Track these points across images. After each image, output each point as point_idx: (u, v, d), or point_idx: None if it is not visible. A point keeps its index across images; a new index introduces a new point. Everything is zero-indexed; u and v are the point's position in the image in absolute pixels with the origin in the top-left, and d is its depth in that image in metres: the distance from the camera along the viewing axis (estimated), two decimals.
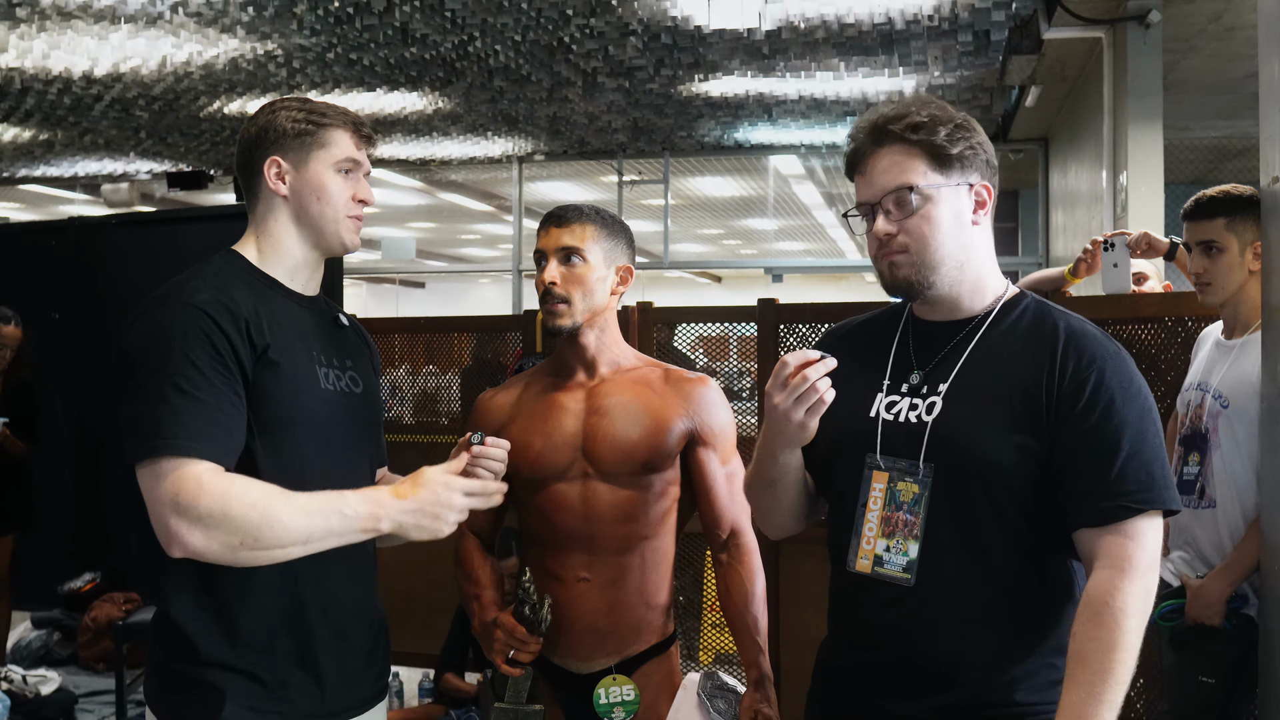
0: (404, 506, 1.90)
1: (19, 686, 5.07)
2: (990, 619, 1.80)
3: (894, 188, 1.82)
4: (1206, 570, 2.95)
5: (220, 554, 1.80)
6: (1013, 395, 1.79)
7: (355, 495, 1.89)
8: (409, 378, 5.54)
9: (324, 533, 1.86)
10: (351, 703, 2.07)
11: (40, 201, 13.84)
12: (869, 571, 1.85)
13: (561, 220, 2.46)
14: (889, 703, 1.85)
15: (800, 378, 1.78)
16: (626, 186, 11.17)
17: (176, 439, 1.80)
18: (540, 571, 2.48)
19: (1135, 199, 6.15)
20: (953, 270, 1.84)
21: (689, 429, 2.47)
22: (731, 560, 2.52)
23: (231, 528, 1.79)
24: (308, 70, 7.46)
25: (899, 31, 6.61)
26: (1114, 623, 1.68)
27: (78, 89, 7.98)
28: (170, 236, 6.16)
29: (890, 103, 1.88)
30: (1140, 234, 3.51)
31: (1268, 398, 2.74)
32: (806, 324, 4.31)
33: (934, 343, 1.90)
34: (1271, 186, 2.70)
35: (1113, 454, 1.73)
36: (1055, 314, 1.87)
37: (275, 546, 1.82)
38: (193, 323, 1.88)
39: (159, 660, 1.98)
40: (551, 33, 6.68)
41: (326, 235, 2.07)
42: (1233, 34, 6.54)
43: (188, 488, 1.78)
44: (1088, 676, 1.67)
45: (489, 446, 2.07)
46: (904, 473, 1.83)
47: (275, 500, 1.83)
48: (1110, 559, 1.71)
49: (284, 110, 2.07)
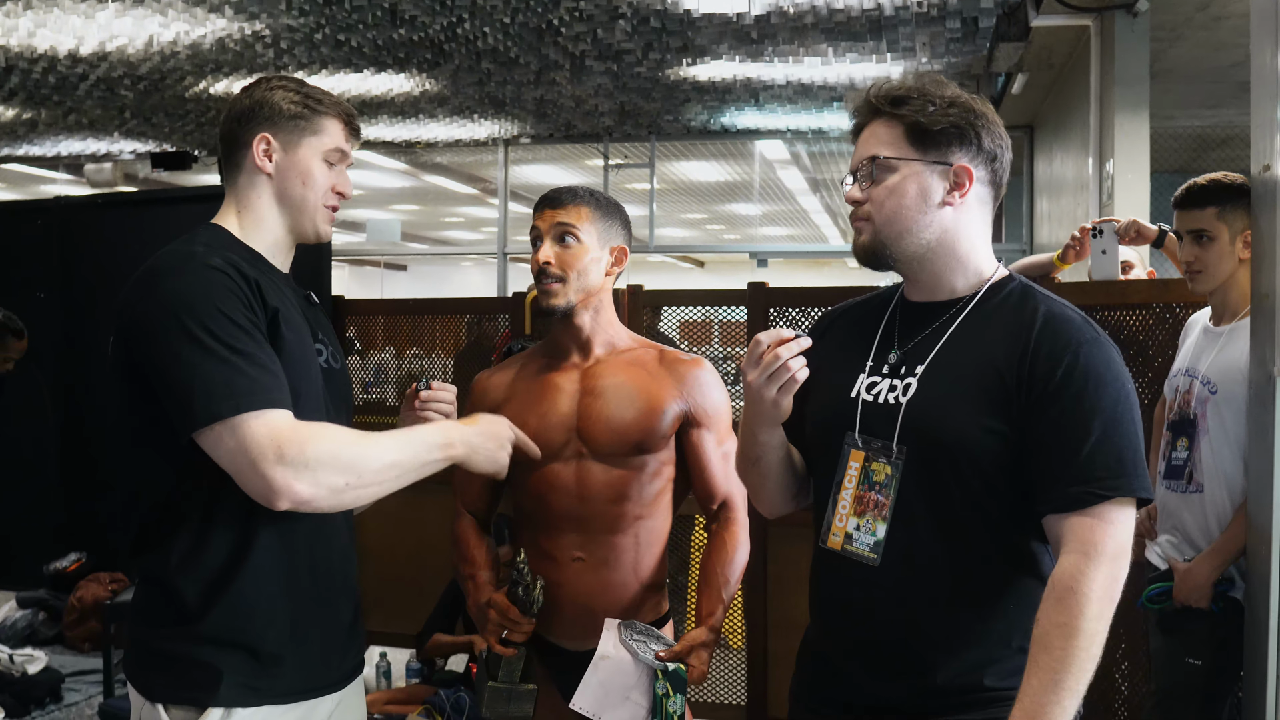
0: (475, 430, 2.06)
1: (6, 666, 5.07)
2: (958, 602, 1.80)
3: (866, 157, 1.86)
4: (1194, 554, 2.98)
5: (326, 498, 1.84)
6: (986, 377, 1.78)
7: (426, 427, 2.04)
8: (393, 360, 5.54)
9: (412, 462, 1.95)
10: (336, 677, 2.08)
11: (21, 181, 13.73)
12: (839, 549, 1.87)
13: (556, 202, 2.48)
14: (864, 683, 1.86)
15: (773, 356, 1.79)
16: (612, 170, 11.15)
17: (254, 394, 1.81)
18: (535, 551, 2.49)
19: (1121, 187, 6.19)
20: (914, 245, 1.85)
21: (683, 410, 2.49)
22: (719, 528, 2.55)
23: (339, 468, 1.83)
24: (295, 51, 7.42)
25: (887, 17, 6.62)
26: (1078, 608, 1.66)
27: (63, 68, 7.92)
28: (157, 217, 6.12)
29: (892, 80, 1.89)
30: (1129, 221, 3.53)
31: (1255, 384, 2.77)
32: (797, 308, 4.34)
33: (918, 324, 1.90)
34: (1262, 175, 2.73)
35: (1082, 439, 1.71)
36: (1038, 298, 1.85)
37: (374, 483, 1.89)
38: (220, 284, 1.88)
39: (145, 639, 1.96)
40: (541, 15, 6.66)
41: (303, 221, 2.09)
42: (1220, 23, 6.57)
43: (288, 436, 1.80)
44: (1049, 661, 1.66)
45: (436, 390, 2.16)
46: (879, 453, 1.84)
47: (365, 438, 1.90)
48: (1077, 544, 1.69)
49: (280, 89, 2.07)
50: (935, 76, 1.90)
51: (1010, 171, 1.93)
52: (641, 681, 2.29)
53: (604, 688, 2.28)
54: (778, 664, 4.33)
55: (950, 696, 1.79)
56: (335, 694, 2.06)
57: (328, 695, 2.04)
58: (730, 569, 2.49)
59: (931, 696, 1.80)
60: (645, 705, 2.28)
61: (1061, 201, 8.22)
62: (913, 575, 1.81)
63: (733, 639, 4.94)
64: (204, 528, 1.89)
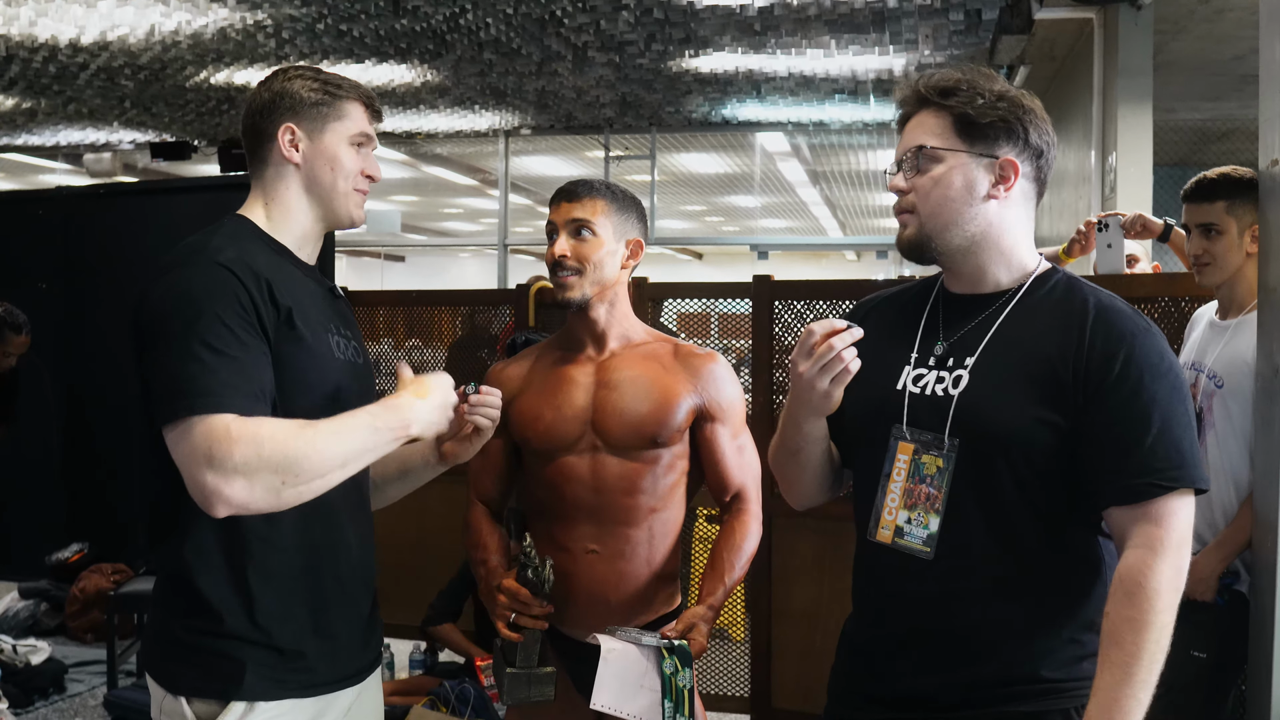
0: (430, 404, 1.97)
1: (9, 656, 5.07)
2: (1012, 594, 1.80)
3: (911, 146, 1.85)
4: (1199, 546, 2.98)
5: (265, 499, 1.77)
6: (1040, 370, 1.78)
7: (377, 406, 1.92)
8: (392, 351, 5.54)
9: (359, 450, 1.87)
10: (358, 668, 2.08)
11: (20, 170, 13.72)
12: (889, 542, 1.86)
13: (572, 195, 2.48)
14: (911, 678, 1.85)
15: (826, 346, 1.79)
16: (613, 162, 11.15)
17: (205, 396, 1.77)
18: (549, 543, 2.50)
19: (1124, 179, 6.19)
20: (957, 238, 1.84)
21: (697, 405, 2.50)
22: (730, 517, 2.56)
23: (271, 468, 1.75)
24: (297, 41, 7.41)
25: (890, 9, 6.62)
26: (1147, 603, 1.67)
27: (64, 57, 7.91)
28: (159, 207, 6.12)
29: (940, 71, 1.89)
30: (1135, 215, 3.54)
31: (1262, 377, 2.78)
32: (802, 301, 4.34)
33: (963, 316, 1.89)
34: (1271, 169, 2.73)
35: (1143, 431, 1.71)
36: (1086, 289, 1.85)
37: (315, 477, 1.80)
38: (220, 282, 1.86)
39: (169, 631, 1.94)
40: (543, 6, 6.66)
41: (335, 207, 2.08)
42: (1222, 16, 6.57)
43: (220, 439, 1.74)
44: (1122, 657, 1.67)
45: (485, 395, 2.14)
46: (929, 445, 1.83)
47: (304, 431, 1.80)
48: (1143, 538, 1.70)
49: (299, 78, 2.06)
50: (985, 70, 1.88)
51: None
52: (649, 668, 2.31)
53: (619, 679, 2.28)
54: (781, 655, 4.35)
55: (1000, 688, 1.79)
56: (355, 686, 2.07)
57: (348, 688, 2.04)
58: (736, 555, 2.50)
59: (981, 688, 1.80)
60: (658, 689, 2.29)
61: (1064, 194, 8.22)
62: (965, 567, 1.81)
63: (735, 631, 4.96)
64: (221, 520, 1.88)
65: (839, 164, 12.50)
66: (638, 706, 2.28)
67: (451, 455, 2.19)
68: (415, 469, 2.24)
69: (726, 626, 5.07)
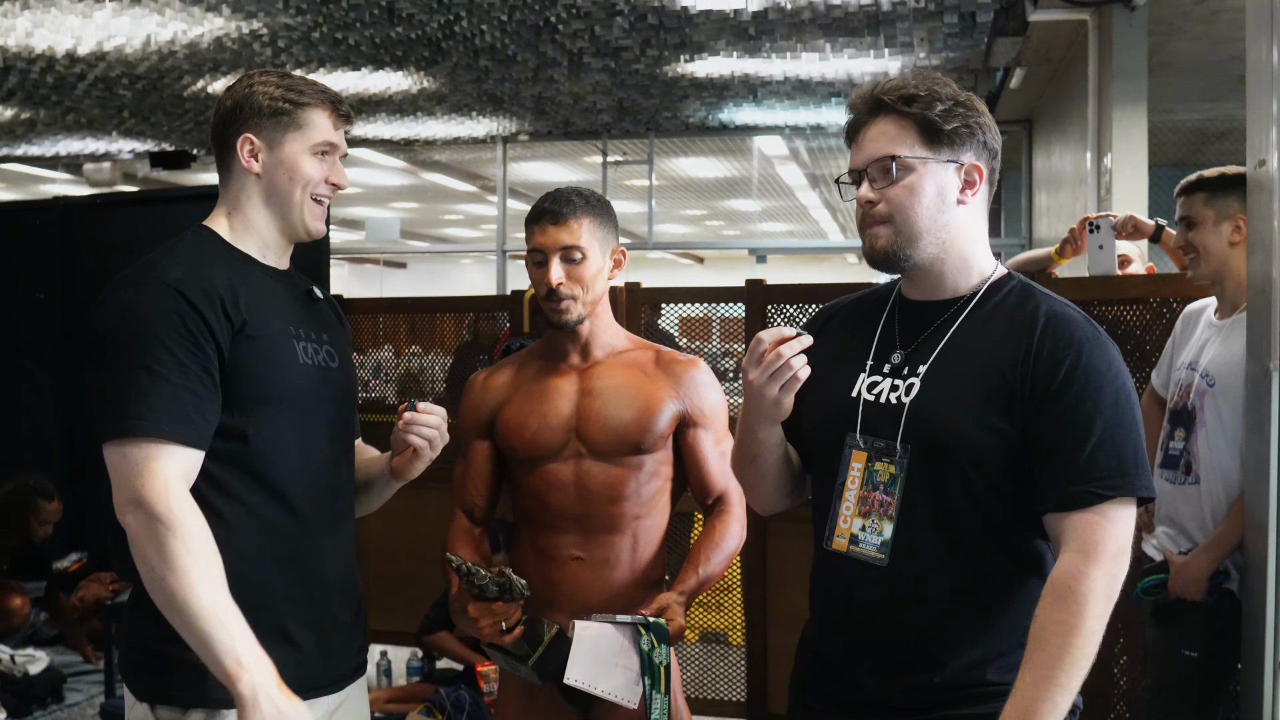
0: (273, 697, 1.78)
1: (8, 666, 5.08)
2: (963, 599, 1.80)
3: (879, 156, 1.83)
4: (1189, 545, 2.99)
5: (137, 550, 1.80)
6: (990, 377, 1.78)
7: (249, 640, 1.81)
8: (394, 358, 5.55)
9: (200, 630, 1.78)
10: (333, 677, 2.07)
11: (21, 181, 13.74)
12: (845, 550, 1.86)
13: (558, 218, 2.45)
14: (867, 682, 1.86)
15: (774, 354, 1.79)
16: (611, 167, 11.15)
17: (145, 419, 1.80)
18: (534, 551, 2.51)
19: (1119, 181, 6.19)
20: (931, 246, 1.84)
21: (680, 411, 2.51)
22: (712, 517, 2.56)
23: (162, 542, 1.77)
24: (293, 49, 7.43)
25: (885, 13, 6.63)
26: (1076, 607, 1.66)
27: (61, 67, 7.93)
28: (156, 216, 6.13)
29: (893, 76, 1.88)
30: (1126, 216, 3.54)
31: (1252, 378, 2.78)
32: (795, 305, 4.34)
33: (919, 323, 1.89)
34: (1257, 170, 2.73)
35: (1084, 439, 1.71)
36: (1039, 296, 1.85)
37: (168, 591, 1.78)
38: (165, 302, 1.86)
39: (136, 639, 1.97)
40: (538, 12, 6.67)
41: (292, 219, 2.06)
42: (1218, 16, 6.57)
43: (155, 484, 1.79)
44: (1045, 658, 1.67)
45: (421, 413, 2.09)
46: (881, 453, 1.84)
47: (205, 562, 1.79)
48: (1077, 543, 1.69)
49: (261, 86, 2.03)
50: (932, 73, 1.88)
51: (1009, 166, 1.93)
52: (626, 646, 2.30)
53: (591, 656, 2.27)
54: (777, 660, 4.34)
55: (952, 692, 1.80)
56: (334, 695, 2.06)
57: (323, 696, 2.02)
58: (714, 551, 2.50)
59: (935, 693, 1.81)
60: (635, 668, 2.28)
61: (1060, 196, 8.22)
62: (918, 574, 1.81)
63: (735, 636, 4.96)
64: None
65: (838, 167, 12.47)
66: (612, 684, 2.27)
67: (398, 472, 2.17)
68: (376, 483, 2.24)
69: (726, 631, 5.07)
